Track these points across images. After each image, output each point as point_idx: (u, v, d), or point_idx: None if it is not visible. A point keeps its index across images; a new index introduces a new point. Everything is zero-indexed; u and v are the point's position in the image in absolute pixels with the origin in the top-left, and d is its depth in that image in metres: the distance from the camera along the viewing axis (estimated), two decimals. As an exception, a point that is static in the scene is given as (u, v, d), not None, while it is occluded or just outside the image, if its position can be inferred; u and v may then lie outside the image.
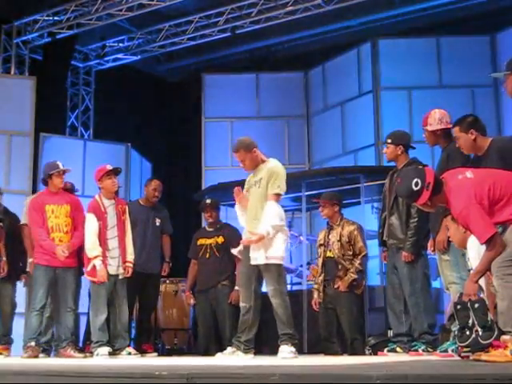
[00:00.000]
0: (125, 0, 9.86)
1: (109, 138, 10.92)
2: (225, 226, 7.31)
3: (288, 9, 9.93)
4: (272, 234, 5.17)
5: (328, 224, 6.65)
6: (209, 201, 7.13)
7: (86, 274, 6.10)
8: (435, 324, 5.65)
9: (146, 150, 11.54)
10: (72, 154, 9.64)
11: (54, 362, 5.55)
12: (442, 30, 10.41)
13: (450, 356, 4.70)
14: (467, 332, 3.94)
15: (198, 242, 7.15)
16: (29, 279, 6.72)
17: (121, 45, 11.49)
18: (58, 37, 10.58)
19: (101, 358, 5.74)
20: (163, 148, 12.47)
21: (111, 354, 5.94)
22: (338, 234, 6.46)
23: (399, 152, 5.70)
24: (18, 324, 7.18)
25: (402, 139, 5.77)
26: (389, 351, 5.59)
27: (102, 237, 6.04)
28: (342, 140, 10.65)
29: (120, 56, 11.64)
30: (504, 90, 4.60)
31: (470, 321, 3.93)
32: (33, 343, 6.01)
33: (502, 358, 3.62)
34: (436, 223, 5.18)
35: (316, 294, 6.55)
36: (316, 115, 11.24)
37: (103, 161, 10.11)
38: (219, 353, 5.42)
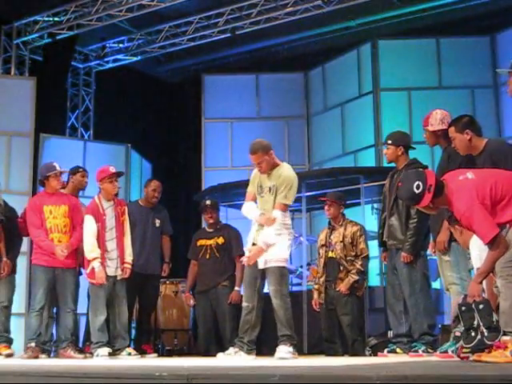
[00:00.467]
0: (125, 1, 9.85)
1: (109, 138, 10.91)
2: (225, 226, 7.32)
3: (288, 9, 9.93)
4: (271, 242, 5.23)
5: (329, 224, 6.65)
6: (209, 202, 7.12)
7: (86, 276, 6.11)
8: (435, 325, 5.64)
9: (146, 151, 11.54)
10: (72, 154, 9.63)
11: (54, 362, 5.55)
12: (442, 30, 10.40)
13: (450, 357, 4.70)
14: (472, 333, 3.93)
15: (198, 243, 7.15)
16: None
17: (121, 45, 11.48)
18: (58, 37, 10.56)
19: (101, 359, 5.74)
20: (163, 148, 12.46)
21: (111, 354, 5.94)
22: (340, 235, 6.46)
23: (399, 153, 5.70)
24: (18, 324, 7.19)
25: (402, 140, 5.77)
26: (389, 352, 5.59)
27: (100, 238, 6.04)
28: (341, 141, 10.65)
29: (120, 57, 11.63)
30: (505, 90, 4.61)
31: (475, 322, 3.92)
32: (33, 344, 6.01)
33: (501, 358, 3.62)
34: (436, 224, 5.18)
35: (316, 294, 6.54)
36: (316, 116, 11.23)
37: (103, 161, 10.11)
38: (221, 353, 5.42)
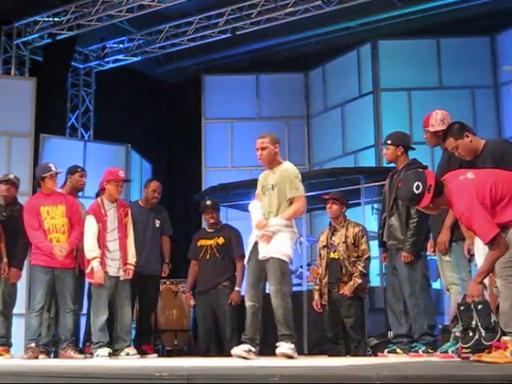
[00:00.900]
0: (125, 1, 9.86)
1: (109, 139, 10.92)
2: (225, 226, 7.32)
3: (288, 10, 9.94)
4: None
5: (330, 225, 6.64)
6: (209, 202, 7.12)
7: (86, 276, 6.11)
8: (435, 325, 5.64)
9: (146, 151, 11.54)
10: (72, 155, 9.62)
11: (54, 362, 5.55)
12: (442, 30, 10.40)
13: (451, 357, 4.70)
14: (470, 333, 3.94)
15: (199, 243, 7.15)
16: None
17: (121, 46, 11.49)
18: (58, 38, 10.57)
19: (100, 359, 5.73)
20: (163, 149, 12.47)
21: (111, 354, 5.94)
22: (342, 236, 6.44)
23: (399, 153, 5.69)
24: (18, 325, 7.19)
25: (402, 140, 5.77)
26: (389, 352, 5.59)
27: (101, 239, 6.04)
28: (342, 141, 10.65)
29: (120, 57, 11.64)
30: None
31: (474, 322, 3.92)
32: (33, 344, 6.01)
33: (502, 359, 3.62)
34: (436, 224, 5.18)
35: (317, 295, 6.53)
36: (316, 116, 11.24)
37: (103, 162, 10.17)
38: (237, 348, 5.18)
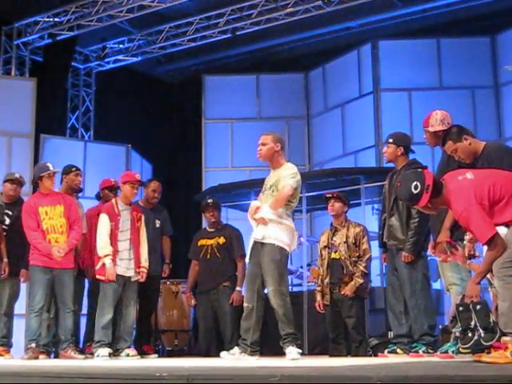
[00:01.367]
0: (125, 1, 9.86)
1: (109, 139, 10.92)
2: (226, 226, 7.32)
3: (288, 10, 9.94)
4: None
5: (331, 225, 6.64)
6: (210, 200, 7.14)
7: (95, 273, 6.13)
8: (435, 325, 5.64)
9: (147, 151, 11.55)
10: (72, 155, 9.62)
11: (55, 363, 5.55)
12: (442, 31, 10.41)
13: (451, 357, 4.70)
14: (469, 334, 3.94)
15: (199, 243, 7.15)
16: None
17: (121, 46, 11.49)
18: (59, 38, 10.58)
19: (101, 359, 5.74)
20: (164, 149, 12.47)
21: (111, 354, 5.94)
22: (343, 236, 6.44)
23: (399, 153, 5.70)
24: (18, 325, 7.17)
25: (403, 141, 5.77)
26: (389, 352, 5.59)
27: (112, 237, 6.11)
28: (342, 141, 10.65)
29: (120, 57, 11.65)
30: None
31: (472, 322, 3.93)
32: (33, 344, 6.00)
33: (502, 359, 3.62)
34: (436, 224, 5.18)
35: (319, 296, 6.52)
36: (316, 116, 11.24)
37: (104, 162, 10.18)
38: (225, 352, 5.40)
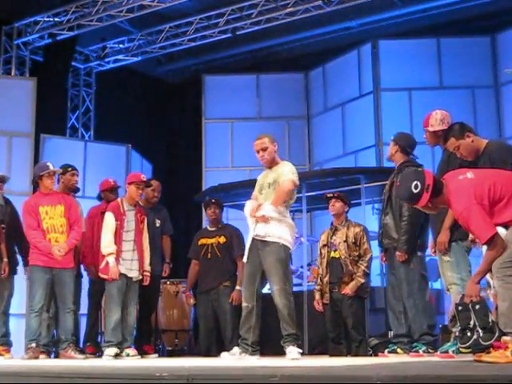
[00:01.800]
0: (125, 1, 9.86)
1: (109, 139, 10.92)
2: (226, 226, 7.33)
3: (288, 10, 9.94)
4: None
5: (331, 224, 6.64)
6: (214, 199, 7.20)
7: (99, 272, 6.16)
8: (435, 325, 5.64)
9: (147, 151, 11.54)
10: (72, 155, 9.61)
11: (55, 363, 5.56)
12: (443, 30, 10.41)
13: (451, 357, 4.70)
14: (468, 333, 3.94)
15: (199, 242, 7.15)
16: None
17: (121, 46, 11.49)
18: (59, 38, 10.58)
19: (104, 359, 5.81)
20: (164, 149, 12.47)
21: (117, 355, 5.97)
22: (343, 235, 6.44)
23: (393, 151, 5.76)
24: (18, 325, 7.18)
25: (400, 139, 5.82)
26: (389, 352, 5.59)
27: (117, 237, 6.14)
28: (342, 141, 10.65)
29: (120, 57, 11.64)
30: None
31: (472, 322, 3.93)
32: (33, 344, 6.01)
33: (502, 358, 3.63)
34: (436, 224, 5.18)
35: (318, 294, 6.52)
36: (316, 116, 11.23)
37: (104, 162, 10.18)
38: (225, 352, 5.40)
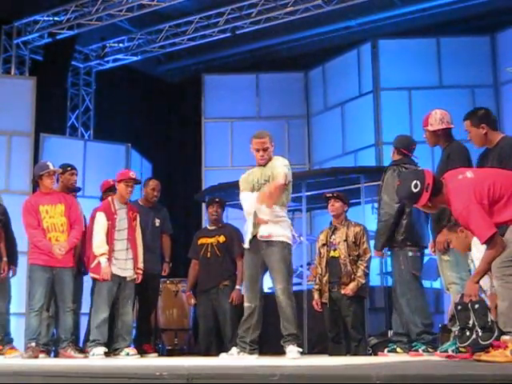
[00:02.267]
0: (125, 0, 9.85)
1: (109, 138, 10.92)
2: (226, 225, 7.34)
3: (288, 9, 9.93)
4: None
5: (331, 224, 6.64)
6: (217, 198, 7.21)
7: (90, 271, 6.14)
8: (432, 323, 5.63)
9: (147, 151, 11.54)
10: (72, 154, 9.62)
11: (55, 362, 5.56)
12: (442, 30, 10.41)
13: (451, 357, 4.69)
14: (467, 333, 3.95)
15: (199, 242, 7.16)
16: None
17: (121, 45, 11.49)
18: (58, 37, 10.57)
19: (98, 358, 5.74)
20: (163, 148, 12.47)
21: (110, 354, 5.94)
22: (343, 235, 6.45)
23: (391, 154, 5.91)
24: (18, 324, 7.19)
25: (397, 142, 5.93)
26: (389, 351, 5.60)
27: (109, 236, 6.11)
28: (342, 140, 10.64)
29: (120, 56, 11.63)
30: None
31: (471, 321, 3.94)
32: (33, 344, 6.01)
33: (502, 358, 3.63)
34: (436, 224, 5.19)
35: (316, 294, 6.52)
36: (316, 115, 11.23)
37: (104, 161, 10.18)
38: (223, 353, 5.41)
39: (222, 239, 7.05)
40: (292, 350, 5.09)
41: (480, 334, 3.91)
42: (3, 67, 10.52)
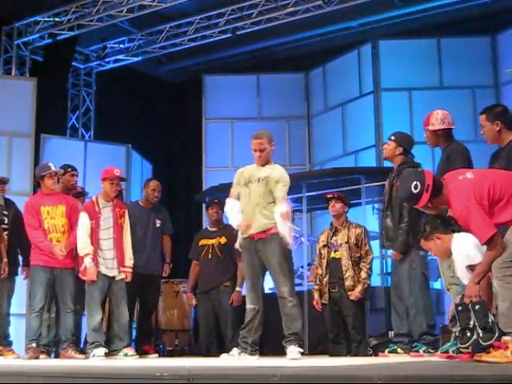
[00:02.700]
0: (125, 1, 9.86)
1: (109, 139, 10.93)
2: (227, 226, 7.29)
3: (288, 10, 9.94)
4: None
5: (331, 225, 6.63)
6: (217, 199, 7.22)
7: (79, 274, 6.03)
8: (435, 325, 5.64)
9: (147, 151, 11.55)
10: (73, 155, 9.62)
11: (55, 363, 5.56)
12: (443, 30, 10.41)
13: (451, 357, 4.69)
14: (468, 333, 3.95)
15: (200, 243, 7.15)
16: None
17: (121, 46, 11.49)
18: (59, 38, 10.58)
19: (98, 359, 5.72)
20: (164, 149, 12.47)
21: (108, 354, 5.93)
22: (345, 236, 6.44)
23: (397, 152, 5.72)
24: (19, 325, 7.19)
25: (404, 141, 5.79)
26: (390, 352, 5.59)
27: (93, 236, 6.03)
28: (342, 141, 10.65)
29: (121, 57, 11.64)
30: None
31: (471, 322, 3.93)
32: (34, 344, 6.00)
33: (502, 358, 3.63)
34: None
35: (317, 294, 6.52)
36: (317, 116, 11.23)
37: (104, 162, 10.15)
38: (224, 354, 5.41)
39: (223, 240, 7.04)
40: (293, 351, 5.09)
41: (481, 334, 3.90)
42: (4, 68, 10.53)
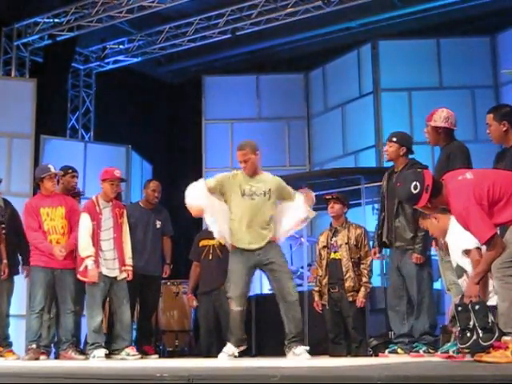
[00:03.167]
0: (125, 2, 9.86)
1: (109, 139, 10.92)
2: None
3: (288, 10, 9.94)
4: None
5: (330, 225, 6.63)
6: None
7: (78, 274, 6.01)
8: (436, 325, 5.65)
9: (147, 152, 11.54)
10: (73, 156, 9.63)
11: (55, 363, 5.56)
12: (442, 31, 10.41)
13: (452, 357, 4.70)
14: (468, 334, 3.94)
15: (201, 244, 7.15)
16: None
17: (121, 47, 11.49)
18: (59, 39, 10.57)
19: (97, 360, 5.72)
20: (164, 150, 12.47)
21: (110, 354, 5.93)
22: (345, 237, 6.44)
23: (401, 153, 5.71)
24: (19, 326, 7.18)
25: (406, 141, 5.79)
26: (390, 352, 5.59)
27: (95, 237, 6.02)
28: (342, 141, 10.65)
29: (120, 58, 11.64)
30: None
31: (471, 322, 3.93)
32: (34, 345, 6.00)
33: (502, 358, 3.63)
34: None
35: (317, 296, 6.53)
36: (316, 116, 11.23)
37: (104, 163, 10.15)
38: (223, 353, 5.40)
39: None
40: (303, 352, 5.11)
41: (481, 334, 3.90)
42: (3, 69, 10.53)
